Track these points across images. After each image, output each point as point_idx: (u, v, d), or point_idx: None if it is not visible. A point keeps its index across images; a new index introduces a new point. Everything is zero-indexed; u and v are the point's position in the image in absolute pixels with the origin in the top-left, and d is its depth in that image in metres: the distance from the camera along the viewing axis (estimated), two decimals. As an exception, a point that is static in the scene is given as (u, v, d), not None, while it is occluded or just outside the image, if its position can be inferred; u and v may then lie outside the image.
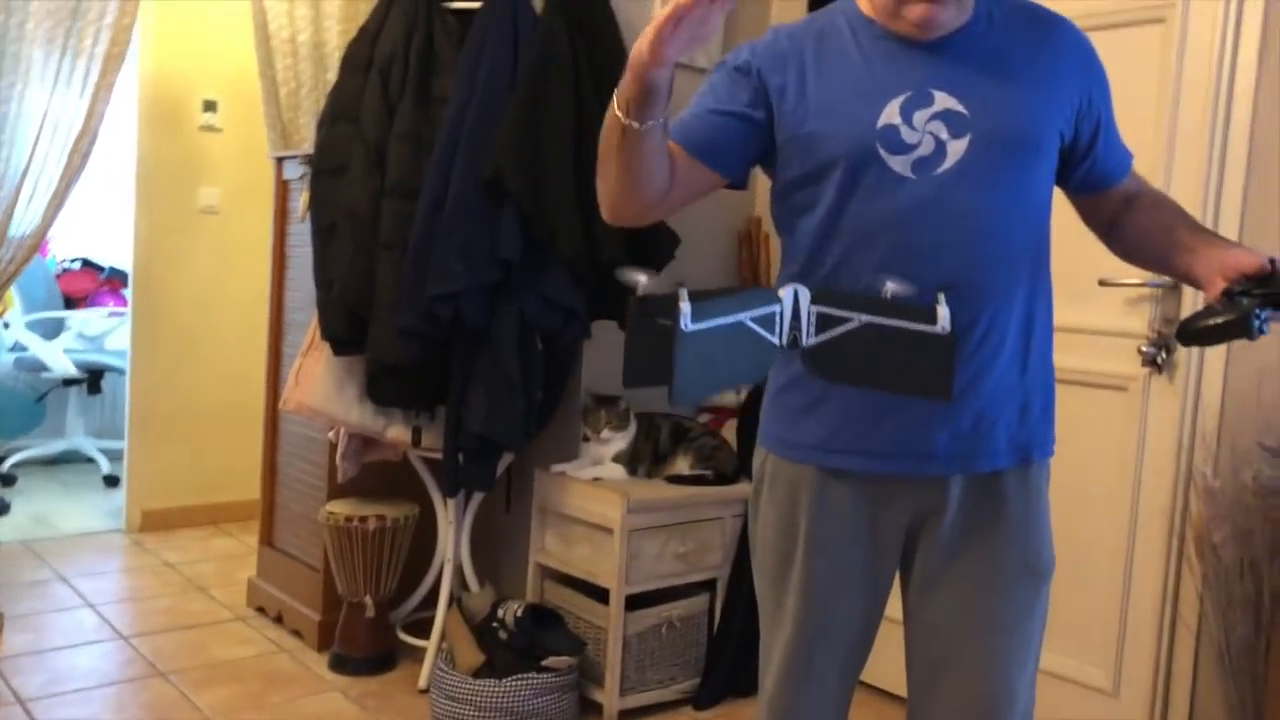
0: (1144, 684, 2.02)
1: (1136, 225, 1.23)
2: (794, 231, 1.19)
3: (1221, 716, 1.88)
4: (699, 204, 1.26)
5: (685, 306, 0.79)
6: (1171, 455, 2.03)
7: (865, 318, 0.88)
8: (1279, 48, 1.88)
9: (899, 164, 1.12)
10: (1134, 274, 2.03)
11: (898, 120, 1.12)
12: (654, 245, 2.30)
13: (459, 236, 2.14)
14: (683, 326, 0.79)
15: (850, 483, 1.16)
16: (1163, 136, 2.01)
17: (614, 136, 1.03)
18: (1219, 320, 1.03)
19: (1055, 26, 1.21)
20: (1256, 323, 1.01)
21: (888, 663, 1.79)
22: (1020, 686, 1.17)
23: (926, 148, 1.12)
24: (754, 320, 0.84)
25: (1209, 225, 2.00)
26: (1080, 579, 2.10)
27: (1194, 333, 1.04)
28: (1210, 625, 1.89)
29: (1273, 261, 1.06)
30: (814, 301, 0.87)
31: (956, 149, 1.11)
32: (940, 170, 1.11)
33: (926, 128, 1.11)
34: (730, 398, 2.50)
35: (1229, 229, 1.99)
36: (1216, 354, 2.02)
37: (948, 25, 1.15)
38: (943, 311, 0.89)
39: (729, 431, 2.42)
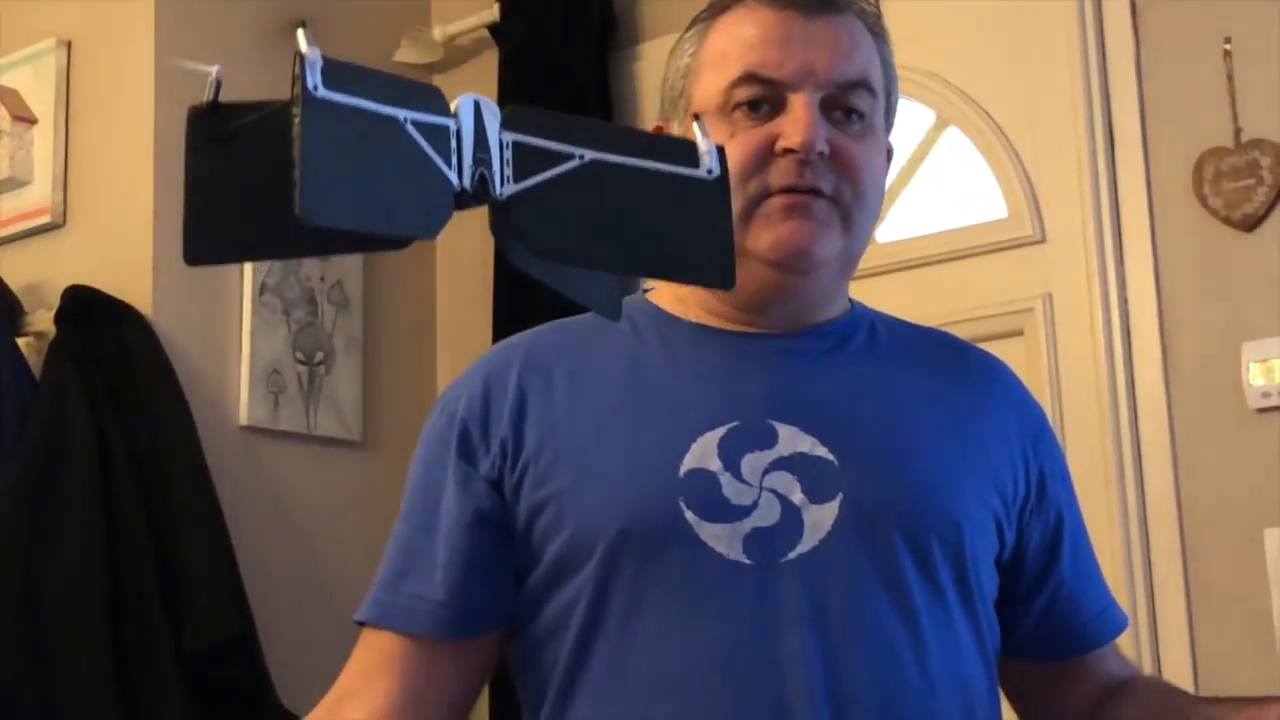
0: None
1: (1122, 714, 1.33)
2: (537, 676, 1.25)
3: None
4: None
5: (315, 56, 0.87)
6: None
7: (591, 154, 1.01)
8: (1187, 333, 2.41)
9: (721, 538, 1.18)
10: None
11: (715, 465, 1.20)
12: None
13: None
14: (311, 87, 0.87)
15: None
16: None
17: None
18: None
19: (977, 362, 1.38)
20: None
21: None
22: None
23: (767, 514, 1.19)
24: (418, 127, 1.02)
25: (1135, 574, 2.38)
26: None
27: None
28: None
29: None
30: (508, 125, 0.98)
31: (819, 520, 1.19)
32: (794, 554, 1.18)
33: (765, 482, 1.20)
34: None
35: (1168, 578, 2.38)
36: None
37: (824, 277, 1.27)
38: (707, 144, 1.04)
39: None
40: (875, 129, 1.31)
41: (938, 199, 2.78)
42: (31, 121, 2.95)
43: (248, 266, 2.89)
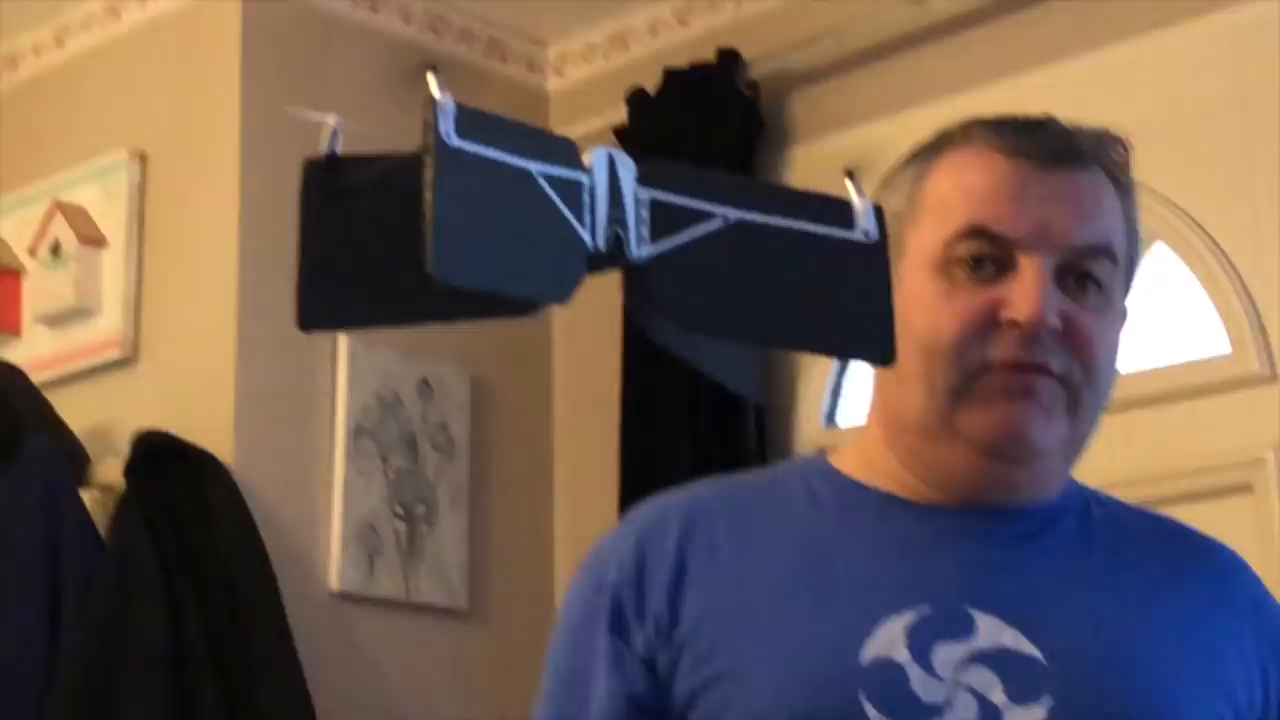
0: None
1: None
2: None
3: None
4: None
5: (448, 102, 0.96)
6: None
7: (735, 213, 1.08)
8: None
9: None
10: None
11: (902, 654, 1.25)
12: None
13: None
14: (444, 135, 0.95)
15: None
16: None
17: None
18: None
19: (1207, 555, 1.42)
20: None
21: None
22: None
23: (962, 716, 1.23)
24: (550, 181, 1.08)
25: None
26: None
27: None
28: None
29: None
30: (644, 181, 1.06)
31: None
32: None
33: (960, 678, 1.24)
34: None
35: None
36: None
37: (1042, 466, 1.33)
38: (863, 203, 1.11)
39: None
40: (1113, 300, 1.36)
41: (1144, 329, 2.78)
42: (100, 243, 3.09)
43: (340, 410, 3.00)
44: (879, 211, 1.13)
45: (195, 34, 3.13)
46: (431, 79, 0.99)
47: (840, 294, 1.13)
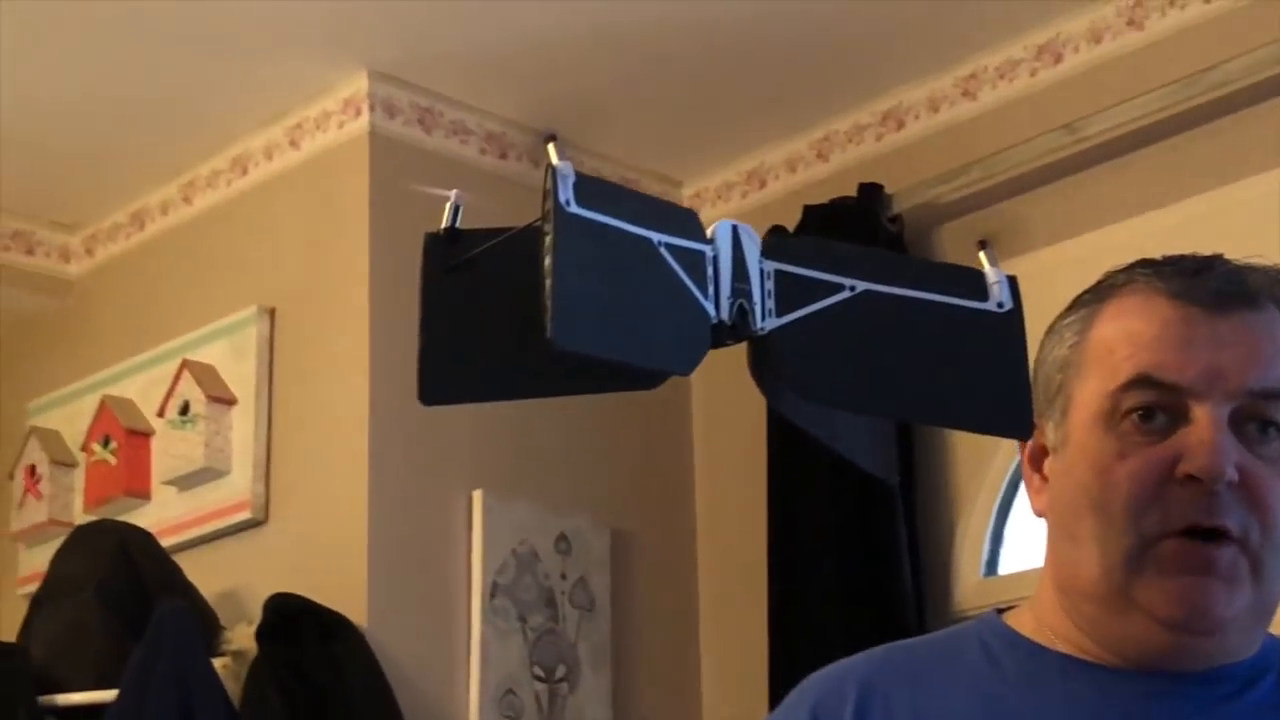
0: None
1: None
2: None
3: None
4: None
5: (567, 169, 1.01)
6: None
7: (863, 284, 1.10)
8: None
9: None
10: None
11: None
12: None
13: None
14: (563, 202, 1.00)
15: None
16: None
17: None
18: None
19: None
20: None
21: None
22: None
23: None
24: (672, 250, 1.06)
25: None
26: None
27: None
28: None
29: None
30: (769, 253, 1.09)
31: None
32: None
33: None
34: None
35: None
36: None
37: (1230, 634, 1.31)
38: (996, 274, 1.13)
39: None
40: None
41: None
42: (230, 402, 3.18)
43: (476, 567, 3.03)
44: (1013, 282, 1.14)
45: (323, 187, 3.23)
46: (551, 148, 1.05)
47: (973, 366, 1.14)
